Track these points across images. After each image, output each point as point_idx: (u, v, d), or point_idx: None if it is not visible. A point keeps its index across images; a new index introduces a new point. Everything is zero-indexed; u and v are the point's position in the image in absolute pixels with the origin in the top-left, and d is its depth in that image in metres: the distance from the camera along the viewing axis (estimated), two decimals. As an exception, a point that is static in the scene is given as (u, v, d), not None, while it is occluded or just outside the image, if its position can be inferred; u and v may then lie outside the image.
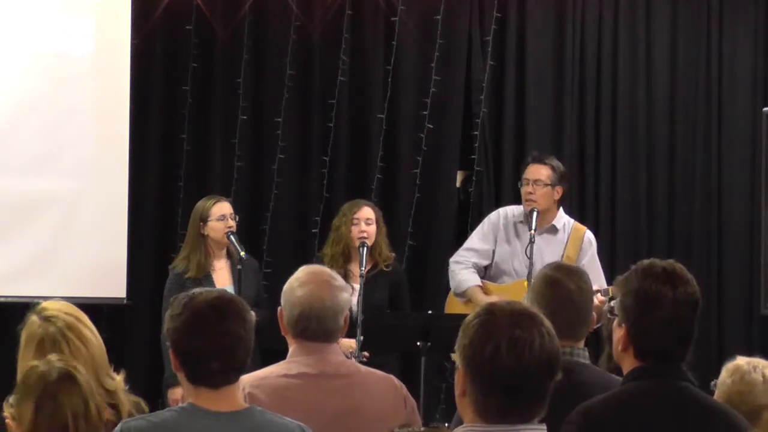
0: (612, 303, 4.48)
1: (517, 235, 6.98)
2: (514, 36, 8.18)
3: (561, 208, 7.07)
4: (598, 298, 6.52)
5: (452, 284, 7.11)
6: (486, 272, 7.05)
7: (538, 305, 3.70)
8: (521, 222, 6.98)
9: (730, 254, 8.36)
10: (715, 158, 8.38)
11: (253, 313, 3.43)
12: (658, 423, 3.19)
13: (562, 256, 6.85)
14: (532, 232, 6.73)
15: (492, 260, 7.03)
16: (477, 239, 7.11)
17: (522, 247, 6.85)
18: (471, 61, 8.08)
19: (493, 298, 6.65)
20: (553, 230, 6.99)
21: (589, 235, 7.03)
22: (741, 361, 4.07)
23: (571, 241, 6.95)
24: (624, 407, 3.21)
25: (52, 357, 3.48)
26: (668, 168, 8.35)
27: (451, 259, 7.17)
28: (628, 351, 3.29)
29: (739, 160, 8.36)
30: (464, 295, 6.98)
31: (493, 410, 2.66)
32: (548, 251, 6.87)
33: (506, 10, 8.14)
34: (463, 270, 7.03)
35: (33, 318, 3.75)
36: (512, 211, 7.07)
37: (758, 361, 4.08)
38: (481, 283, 6.99)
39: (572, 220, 7.10)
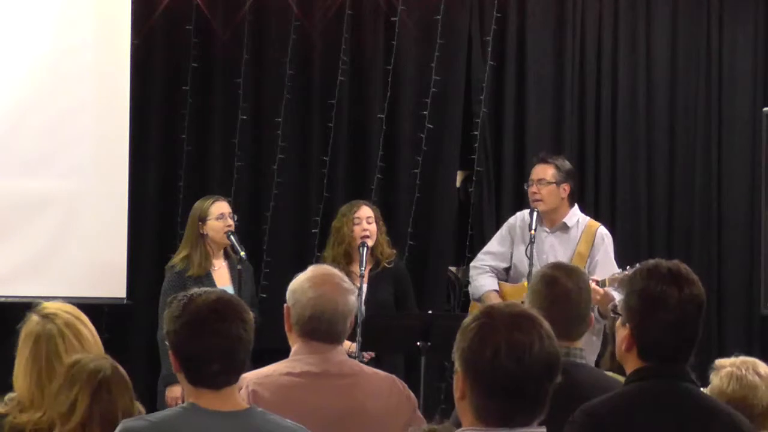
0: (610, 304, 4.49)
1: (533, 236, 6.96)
2: (514, 36, 8.18)
3: (576, 206, 7.05)
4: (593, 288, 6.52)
5: (471, 290, 7.13)
6: (507, 274, 7.04)
7: (535, 304, 3.71)
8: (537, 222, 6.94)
9: (730, 254, 8.36)
10: (715, 158, 8.38)
11: (252, 313, 3.42)
12: (662, 424, 3.17)
13: (574, 252, 6.83)
14: (532, 232, 6.73)
15: (511, 262, 7.02)
16: (495, 242, 7.13)
17: (538, 248, 6.83)
18: (471, 61, 8.08)
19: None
20: (565, 228, 6.96)
21: (602, 230, 6.95)
22: (727, 365, 4.04)
23: (583, 237, 6.90)
24: (627, 408, 3.20)
25: (97, 354, 3.51)
26: (668, 168, 8.36)
27: (471, 264, 7.20)
28: (631, 351, 3.26)
29: (739, 160, 8.36)
30: (481, 301, 6.96)
31: (494, 414, 2.64)
32: (561, 249, 6.87)
33: (506, 10, 8.14)
34: (479, 275, 7.05)
35: (33, 316, 3.78)
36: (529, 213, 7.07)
37: (744, 361, 4.06)
38: (497, 287, 6.98)
39: (587, 218, 7.07)
